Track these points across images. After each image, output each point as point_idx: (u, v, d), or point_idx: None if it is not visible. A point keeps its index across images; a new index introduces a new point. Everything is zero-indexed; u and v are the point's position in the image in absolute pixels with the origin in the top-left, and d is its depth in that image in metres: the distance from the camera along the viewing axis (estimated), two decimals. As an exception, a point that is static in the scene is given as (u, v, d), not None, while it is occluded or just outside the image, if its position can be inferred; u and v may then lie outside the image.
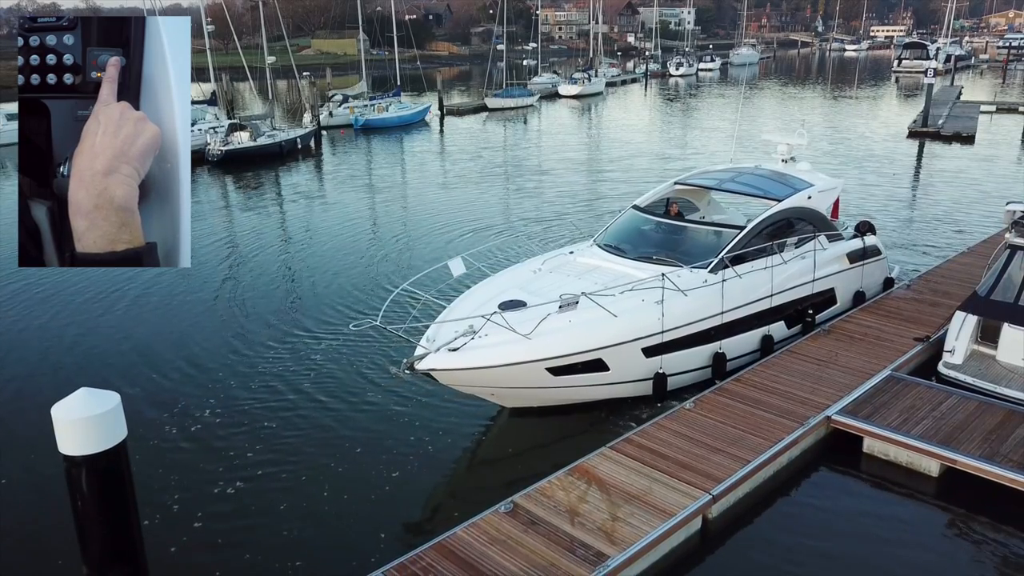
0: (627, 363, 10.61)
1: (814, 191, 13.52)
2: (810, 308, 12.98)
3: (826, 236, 13.46)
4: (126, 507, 4.47)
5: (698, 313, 11.13)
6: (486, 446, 10.39)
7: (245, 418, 10.91)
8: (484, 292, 11.22)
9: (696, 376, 11.56)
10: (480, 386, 10.11)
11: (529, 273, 11.91)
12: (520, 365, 9.72)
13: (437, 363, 9.40)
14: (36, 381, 12.21)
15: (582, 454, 9.12)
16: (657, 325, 10.62)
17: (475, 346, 9.57)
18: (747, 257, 12.02)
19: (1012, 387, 10.52)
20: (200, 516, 8.66)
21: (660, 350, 10.82)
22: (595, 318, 10.19)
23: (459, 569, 7.05)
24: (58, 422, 4.25)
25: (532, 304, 10.16)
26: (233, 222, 23.78)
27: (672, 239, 12.66)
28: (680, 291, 10.88)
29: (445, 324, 10.11)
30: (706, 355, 11.49)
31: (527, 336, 9.63)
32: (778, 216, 12.75)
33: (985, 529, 8.42)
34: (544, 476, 8.60)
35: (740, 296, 11.65)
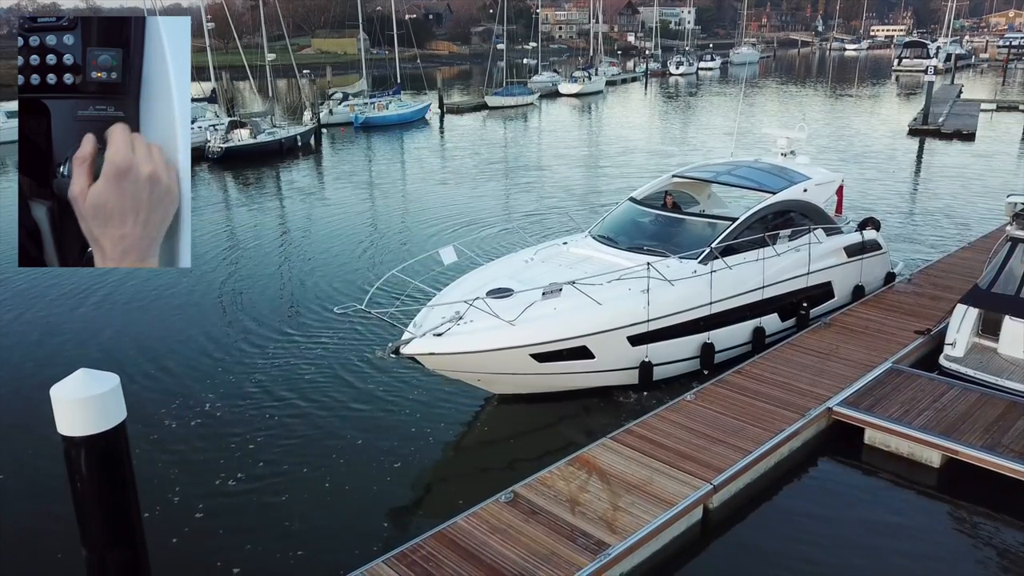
0: (612, 351, 10.69)
1: (810, 184, 13.50)
2: (805, 301, 12.97)
3: (824, 230, 13.43)
4: (125, 488, 4.46)
5: (685, 303, 11.18)
6: (487, 437, 10.38)
7: (246, 410, 10.89)
8: (475, 280, 11.34)
9: (684, 366, 11.60)
10: (465, 371, 10.22)
11: (521, 263, 12.02)
12: (504, 351, 9.84)
13: (421, 348, 9.52)
14: (32, 376, 12.20)
15: (582, 445, 9.12)
16: (643, 314, 10.69)
17: (459, 331, 9.70)
18: (739, 249, 12.03)
19: (1013, 379, 10.50)
20: (201, 508, 8.64)
21: (646, 339, 10.88)
22: (580, 306, 10.30)
23: (460, 558, 7.04)
24: (57, 402, 4.23)
25: (519, 292, 10.27)
26: (233, 218, 23.77)
27: (665, 231, 12.70)
28: (667, 281, 10.93)
29: (432, 310, 10.23)
30: (694, 345, 11.52)
31: (511, 322, 9.77)
32: (772, 208, 12.77)
33: (986, 519, 8.41)
34: (545, 466, 8.59)
35: (730, 287, 11.66)
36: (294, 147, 36.14)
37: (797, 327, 12.86)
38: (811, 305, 13.12)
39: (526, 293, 10.17)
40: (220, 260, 18.76)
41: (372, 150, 37.98)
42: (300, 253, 19.36)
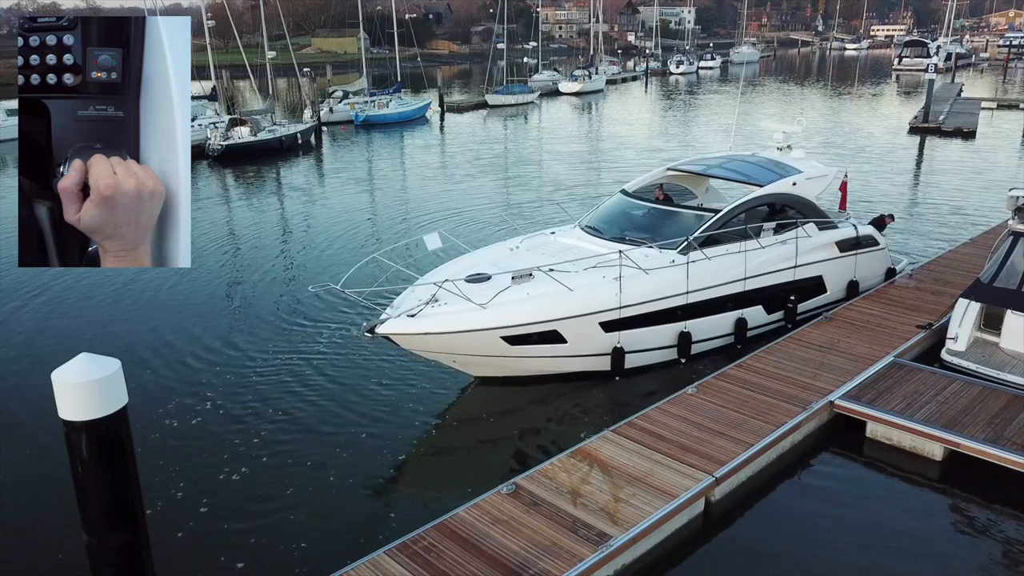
0: (584, 336, 10.88)
1: (800, 178, 13.51)
2: (793, 294, 12.97)
3: (816, 224, 13.40)
4: (126, 473, 4.43)
5: (660, 292, 11.29)
6: (489, 429, 10.36)
7: (249, 407, 10.87)
8: (458, 266, 11.62)
9: (660, 355, 11.69)
10: (438, 352, 10.54)
11: (507, 250, 12.24)
12: (474, 333, 10.15)
13: (395, 328, 9.88)
14: (32, 374, 12.19)
15: (584, 437, 9.11)
16: (614, 301, 10.84)
17: (433, 313, 10.04)
18: (722, 240, 12.09)
19: (1015, 373, 10.49)
20: (206, 502, 8.63)
21: (618, 326, 11.03)
22: (552, 291, 10.55)
23: (461, 548, 7.02)
24: (58, 386, 4.21)
25: (495, 276, 10.58)
26: (233, 215, 23.76)
27: (652, 222, 12.81)
28: (640, 269, 11.04)
29: (412, 292, 10.59)
30: (670, 334, 11.62)
31: (483, 306, 10.11)
32: (758, 201, 12.83)
33: (988, 511, 8.39)
34: (546, 458, 8.59)
35: (709, 278, 11.72)
36: (294, 145, 36.13)
37: (785, 320, 12.92)
38: (801, 299, 13.12)
39: (502, 278, 10.51)
40: (221, 257, 18.76)
41: (372, 148, 37.96)
42: (300, 250, 19.34)
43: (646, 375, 11.51)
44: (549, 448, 9.40)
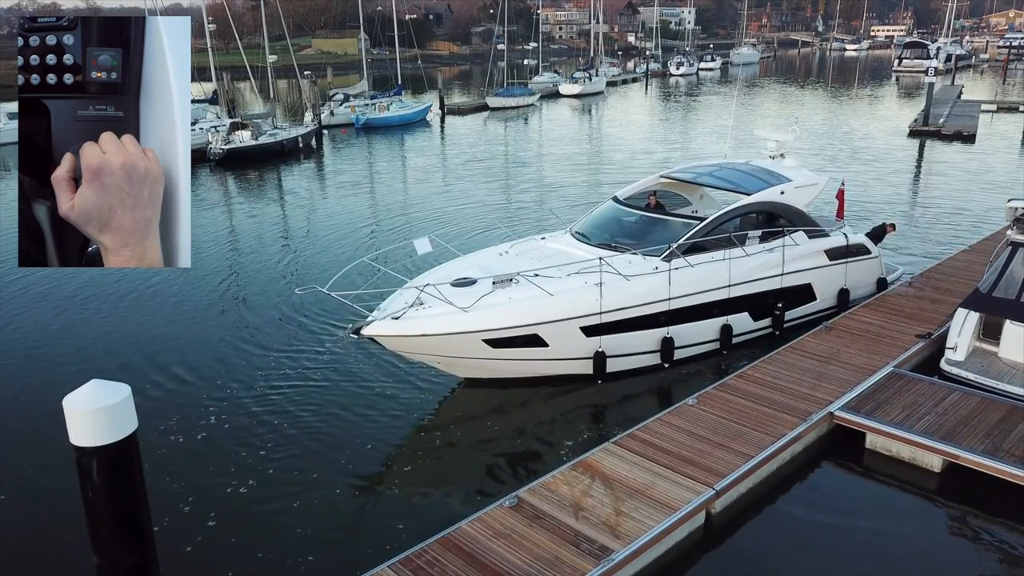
0: (566, 340, 11.11)
1: (789, 187, 13.62)
2: (780, 302, 13.06)
3: (805, 232, 13.48)
4: (136, 497, 4.50)
5: (641, 298, 11.49)
6: (491, 442, 10.42)
7: (253, 418, 10.92)
8: (446, 270, 11.87)
9: (642, 359, 11.86)
10: (422, 353, 10.81)
11: (496, 255, 12.46)
12: (457, 335, 10.42)
13: (379, 330, 10.21)
14: (32, 380, 12.24)
15: (585, 449, 9.17)
16: (595, 306, 11.04)
17: (417, 316, 10.36)
18: (707, 247, 12.23)
19: (1014, 383, 10.54)
20: (213, 516, 8.68)
21: (600, 330, 11.23)
22: (533, 296, 10.81)
23: (464, 563, 7.08)
24: (70, 413, 4.27)
25: (481, 280, 10.86)
26: (235, 219, 23.81)
27: (639, 229, 12.97)
28: (621, 276, 11.24)
29: (400, 295, 10.87)
30: (653, 339, 11.79)
31: (464, 309, 10.39)
32: (745, 209, 12.98)
33: (987, 524, 8.45)
34: (548, 470, 8.64)
35: (692, 285, 11.88)
36: (295, 148, 36.19)
37: (772, 327, 13.04)
38: (788, 306, 13.21)
39: (487, 282, 10.79)
40: (222, 261, 18.80)
41: (373, 151, 38.00)
42: (302, 254, 19.39)
43: (630, 379, 11.73)
44: (550, 460, 9.45)
